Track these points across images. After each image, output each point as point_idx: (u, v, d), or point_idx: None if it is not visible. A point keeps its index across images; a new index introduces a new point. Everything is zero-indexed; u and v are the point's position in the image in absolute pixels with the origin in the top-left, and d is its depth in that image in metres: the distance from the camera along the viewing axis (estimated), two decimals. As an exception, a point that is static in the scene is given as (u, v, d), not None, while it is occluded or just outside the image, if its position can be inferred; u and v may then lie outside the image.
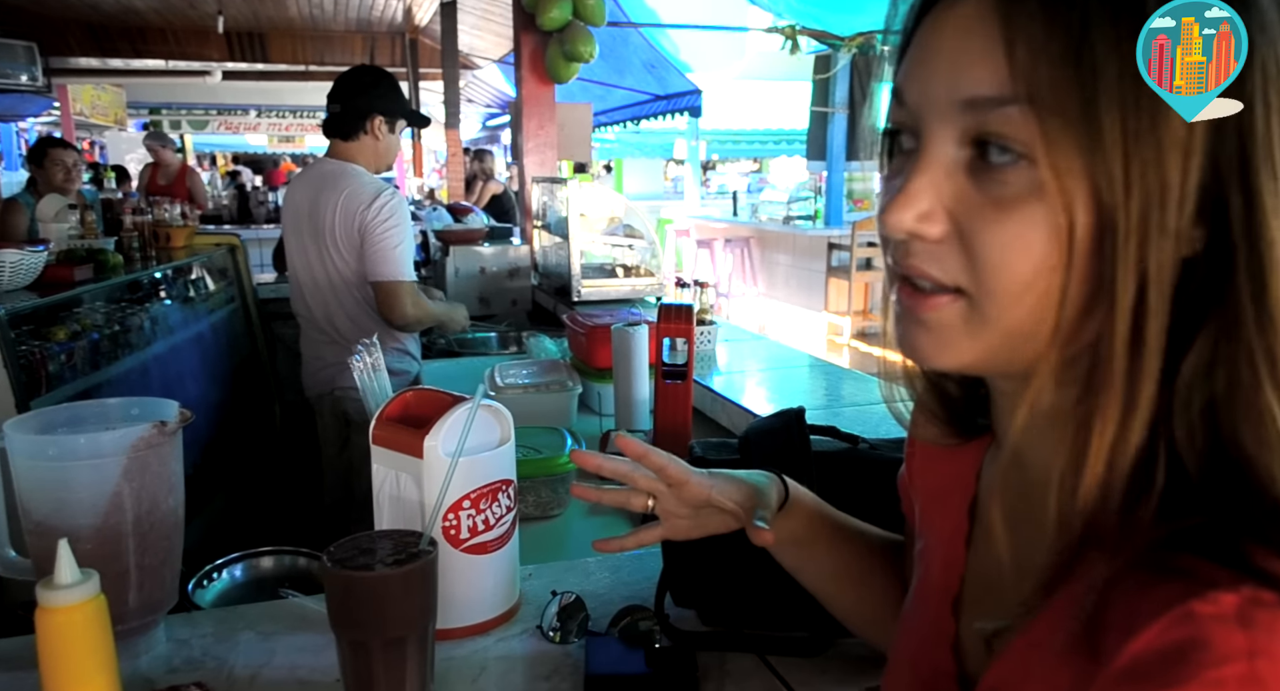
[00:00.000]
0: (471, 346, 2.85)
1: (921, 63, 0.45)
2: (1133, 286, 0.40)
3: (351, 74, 2.53)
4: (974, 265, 0.43)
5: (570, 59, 3.49)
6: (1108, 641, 0.38)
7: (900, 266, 0.47)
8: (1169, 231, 0.40)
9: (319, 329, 2.50)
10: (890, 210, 0.45)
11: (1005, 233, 0.42)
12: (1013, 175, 0.42)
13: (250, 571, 1.22)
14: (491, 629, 0.97)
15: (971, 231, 0.43)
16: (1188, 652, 0.35)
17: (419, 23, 8.34)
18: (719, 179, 17.16)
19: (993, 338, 0.45)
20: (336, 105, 2.46)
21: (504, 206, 6.54)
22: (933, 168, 0.44)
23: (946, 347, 0.46)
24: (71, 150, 4.23)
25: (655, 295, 3.06)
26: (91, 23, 8.07)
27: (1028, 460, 0.50)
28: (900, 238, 0.45)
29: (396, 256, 2.36)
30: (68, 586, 0.72)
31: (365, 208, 2.33)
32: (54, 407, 0.95)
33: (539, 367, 2.00)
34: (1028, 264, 0.42)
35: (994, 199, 0.42)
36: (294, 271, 2.54)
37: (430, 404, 0.97)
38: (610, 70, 6.92)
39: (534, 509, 1.39)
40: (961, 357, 0.46)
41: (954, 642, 0.56)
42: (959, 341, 0.45)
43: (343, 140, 2.46)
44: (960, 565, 0.57)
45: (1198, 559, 0.38)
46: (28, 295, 2.58)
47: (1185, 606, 0.36)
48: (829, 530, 0.78)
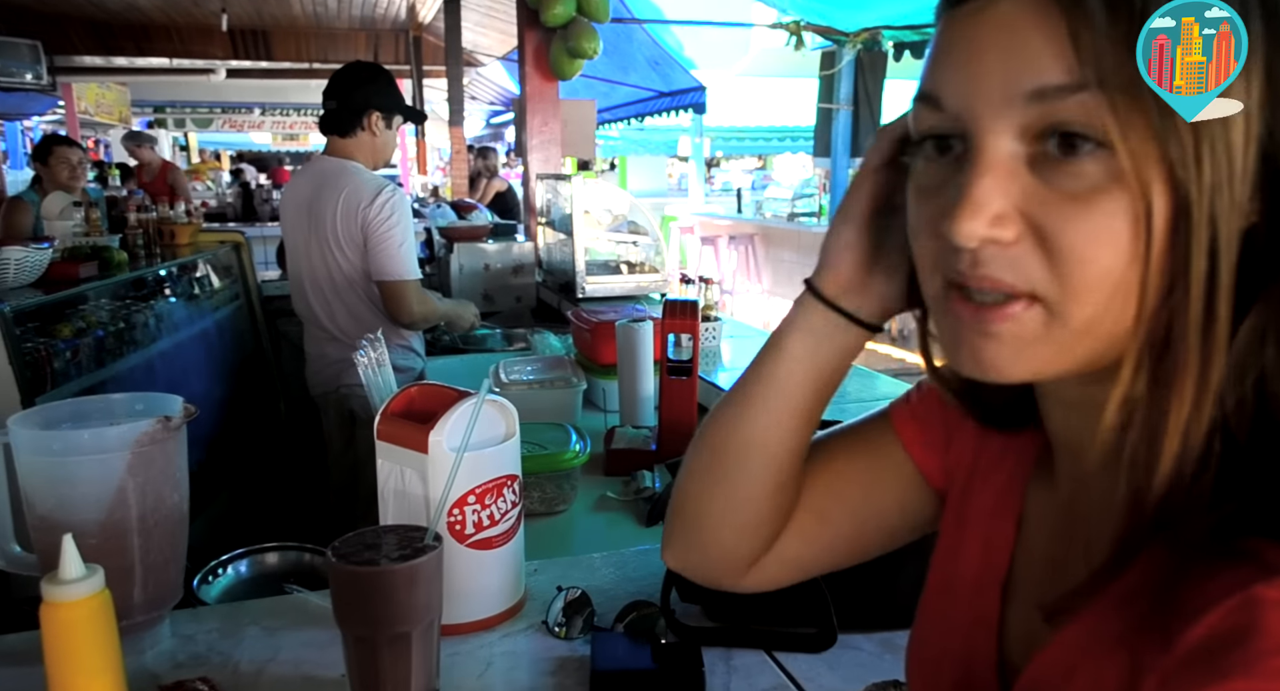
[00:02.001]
0: (476, 343, 2.85)
1: (964, 62, 0.43)
2: (1204, 265, 0.39)
3: (347, 70, 2.52)
4: (1056, 265, 0.41)
5: (574, 55, 3.48)
6: (1171, 626, 0.38)
7: (967, 278, 0.43)
8: (1237, 205, 0.39)
9: (321, 327, 2.49)
10: (959, 219, 0.42)
11: (1089, 226, 0.40)
12: (1088, 165, 0.40)
13: (255, 567, 1.22)
14: (497, 624, 0.97)
15: (1051, 229, 0.41)
16: (1249, 639, 0.34)
17: (423, 20, 8.34)
18: (723, 176, 17.16)
19: (1073, 340, 0.43)
20: (333, 102, 2.45)
21: (508, 203, 6.54)
22: (995, 167, 0.42)
23: (1022, 358, 0.43)
24: (76, 148, 4.24)
25: (660, 292, 3.06)
26: (96, 21, 8.08)
27: (1090, 451, 0.47)
28: (973, 245, 0.42)
29: (401, 255, 2.35)
30: (72, 581, 0.72)
31: (367, 205, 2.32)
32: (58, 403, 0.95)
33: (544, 364, 2.00)
34: (1113, 256, 0.40)
35: (1069, 193, 0.41)
36: (295, 270, 2.53)
37: (435, 399, 0.97)
38: (614, 67, 6.91)
39: (539, 504, 1.39)
40: (1040, 366, 0.44)
41: (999, 627, 0.54)
42: (1037, 350, 0.43)
43: (340, 137, 2.45)
44: (1008, 545, 0.55)
45: (1262, 540, 0.37)
46: (33, 292, 2.58)
47: (1249, 591, 0.35)
48: (820, 399, 0.63)
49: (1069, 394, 0.48)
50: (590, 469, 1.51)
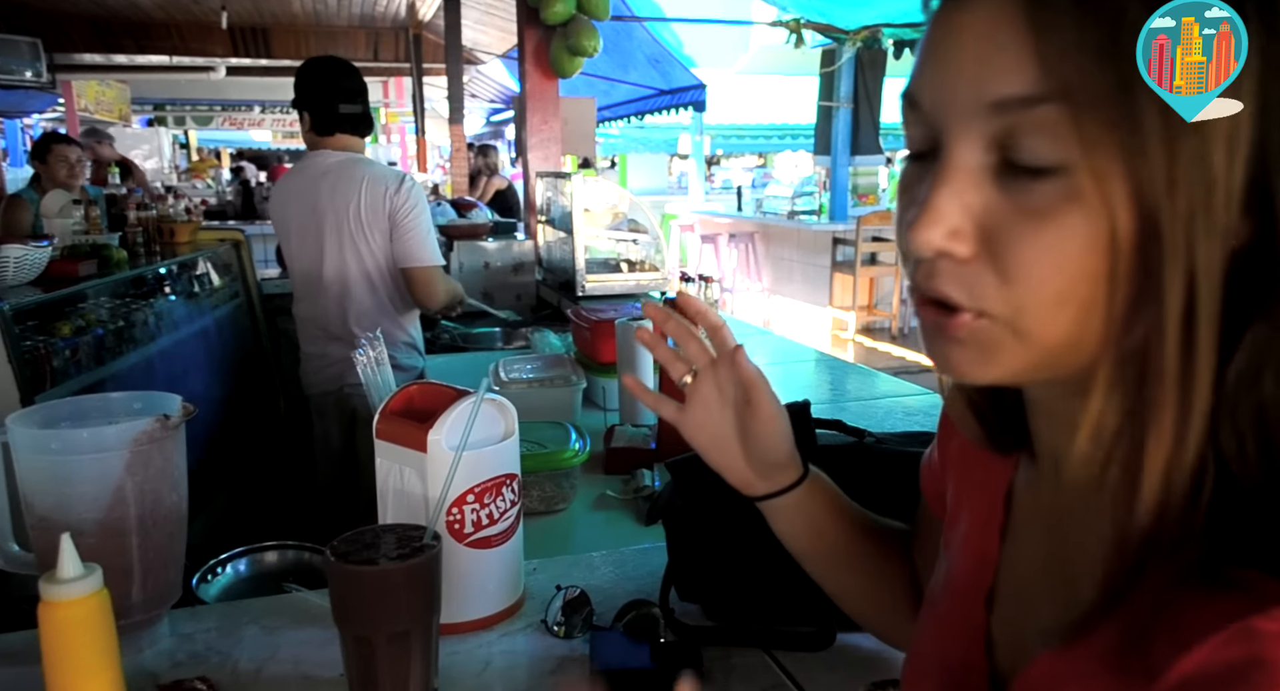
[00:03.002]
0: (476, 341, 2.85)
1: (939, 64, 0.42)
2: (1181, 289, 0.37)
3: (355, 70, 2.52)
4: (1006, 284, 0.40)
5: (574, 53, 3.48)
6: (1156, 657, 0.36)
7: (923, 288, 0.43)
8: (1216, 229, 0.36)
9: (326, 326, 2.48)
10: (917, 228, 0.41)
11: (1040, 245, 0.39)
12: (1046, 182, 0.38)
13: (254, 566, 1.22)
14: (496, 623, 0.97)
15: (1004, 247, 0.40)
16: (1248, 672, 0.33)
17: (422, 18, 8.33)
18: (723, 174, 17.15)
19: (1032, 352, 0.41)
20: (359, 106, 2.46)
21: (508, 201, 6.54)
22: (958, 177, 0.41)
23: (984, 364, 0.43)
24: (75, 146, 4.23)
25: (660, 290, 3.06)
26: (96, 18, 8.07)
27: (1068, 467, 0.47)
28: (928, 255, 0.42)
29: (430, 241, 2.39)
30: (70, 581, 0.71)
31: (394, 192, 2.34)
32: (57, 402, 0.94)
33: (543, 362, 2.00)
34: (1064, 277, 0.39)
35: (1025, 208, 0.39)
36: (303, 270, 2.50)
37: (434, 398, 0.97)
38: (614, 65, 6.91)
39: (538, 503, 1.38)
40: (1000, 372, 0.43)
41: (986, 637, 0.54)
42: (997, 356, 0.42)
43: (359, 136, 2.47)
44: (994, 558, 0.55)
45: (1256, 572, 0.35)
46: (32, 290, 2.58)
47: (1245, 622, 0.34)
48: (841, 512, 0.75)
49: (1054, 405, 0.47)
50: (590, 467, 1.51)
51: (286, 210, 2.52)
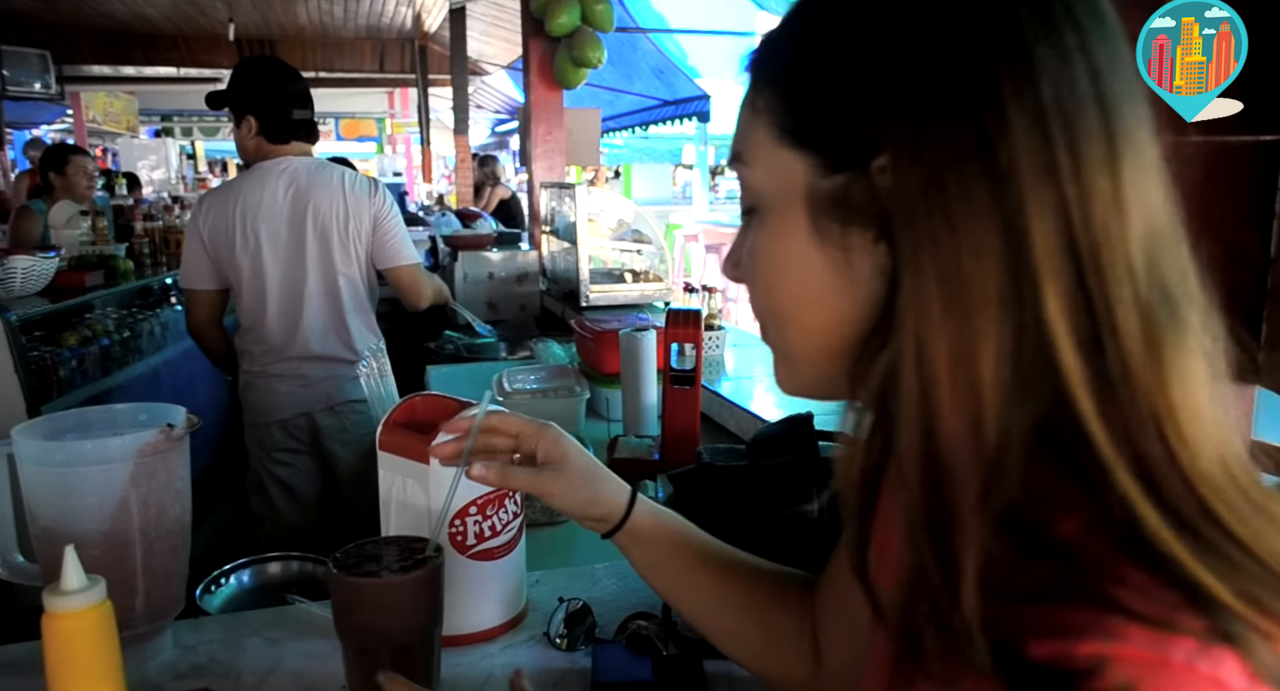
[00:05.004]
0: (479, 352, 2.85)
1: None
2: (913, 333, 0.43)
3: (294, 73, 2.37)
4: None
5: (579, 64, 3.49)
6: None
7: None
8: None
9: (303, 346, 2.24)
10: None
11: (751, 273, 0.50)
12: (752, 224, 0.49)
13: (257, 577, 1.21)
14: (498, 636, 0.97)
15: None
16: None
17: (428, 29, 8.38)
18: (727, 184, 17.14)
19: (801, 368, 0.50)
20: (308, 111, 2.34)
21: (512, 211, 6.56)
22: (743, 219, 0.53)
23: (791, 377, 0.51)
24: (88, 157, 4.23)
25: (664, 300, 3.06)
26: (104, 30, 8.14)
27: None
28: (734, 281, 0.53)
29: (408, 240, 2.37)
30: (74, 592, 0.72)
31: (372, 195, 2.29)
32: (62, 413, 0.95)
33: (547, 373, 2.00)
34: (773, 300, 0.49)
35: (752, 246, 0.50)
36: (268, 289, 2.21)
37: (437, 409, 0.97)
38: (619, 75, 6.93)
39: (541, 515, 1.38)
40: (803, 388, 0.51)
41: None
42: (798, 369, 0.50)
43: (310, 143, 2.34)
44: (892, 549, 0.56)
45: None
46: (39, 301, 2.60)
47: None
48: (691, 553, 0.77)
49: None
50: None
51: (246, 225, 2.19)
